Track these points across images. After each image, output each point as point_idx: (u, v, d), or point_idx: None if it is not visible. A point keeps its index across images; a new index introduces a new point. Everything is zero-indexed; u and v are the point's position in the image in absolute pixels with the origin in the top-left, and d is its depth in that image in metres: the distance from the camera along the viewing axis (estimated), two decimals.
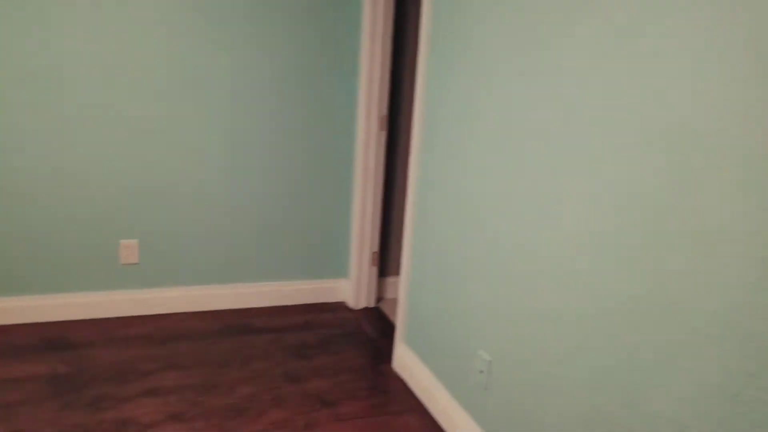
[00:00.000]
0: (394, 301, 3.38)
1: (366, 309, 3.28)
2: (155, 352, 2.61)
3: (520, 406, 1.80)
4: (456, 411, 2.18)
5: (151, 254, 2.90)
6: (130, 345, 2.65)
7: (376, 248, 3.23)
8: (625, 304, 1.38)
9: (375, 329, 3.04)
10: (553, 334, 1.64)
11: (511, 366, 1.84)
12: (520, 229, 1.77)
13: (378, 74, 2.96)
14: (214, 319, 2.97)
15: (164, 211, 2.87)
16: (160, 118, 2.76)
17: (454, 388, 2.22)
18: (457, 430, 2.16)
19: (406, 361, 2.57)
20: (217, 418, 2.18)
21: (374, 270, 3.26)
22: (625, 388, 1.39)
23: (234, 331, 2.87)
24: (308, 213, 3.15)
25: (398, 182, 3.33)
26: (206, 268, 3.02)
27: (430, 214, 2.37)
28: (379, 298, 3.41)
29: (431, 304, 2.38)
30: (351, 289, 3.26)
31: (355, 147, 3.13)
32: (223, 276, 3.07)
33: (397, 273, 3.45)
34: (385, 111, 3.03)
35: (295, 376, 2.53)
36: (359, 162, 3.09)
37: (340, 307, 3.28)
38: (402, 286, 2.59)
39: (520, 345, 1.79)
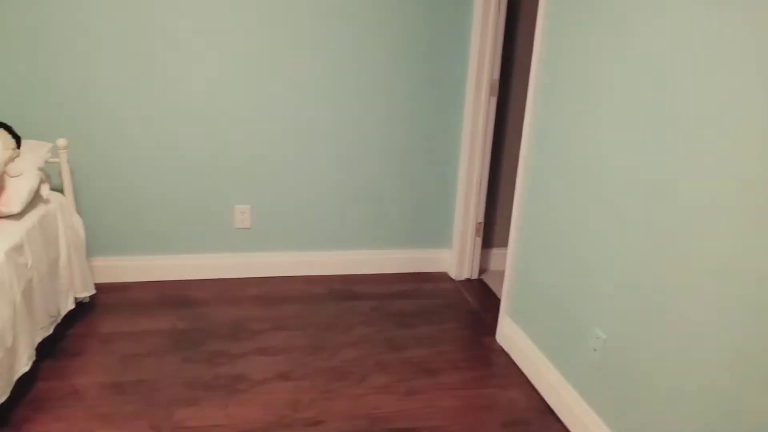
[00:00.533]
0: (497, 274, 3.29)
1: (468, 280, 3.22)
2: (265, 313, 2.71)
3: (637, 389, 1.68)
4: (564, 389, 2.08)
5: (262, 220, 3.01)
6: (243, 305, 2.78)
7: (480, 219, 3.14)
8: None
9: (477, 301, 2.97)
10: (683, 315, 1.49)
11: (630, 346, 1.71)
12: (650, 202, 1.62)
13: (491, 35, 2.83)
14: (320, 284, 3.04)
15: (275, 181, 2.96)
16: (274, 94, 2.82)
17: (563, 365, 2.12)
18: (565, 408, 2.06)
19: (510, 335, 2.49)
20: (322, 379, 2.24)
21: (478, 241, 3.18)
22: None
23: (339, 296, 2.93)
24: (413, 182, 3.12)
25: (507, 150, 3.20)
26: (314, 234, 3.09)
27: (544, 183, 2.24)
28: (483, 270, 3.33)
29: (541, 277, 2.28)
30: (453, 259, 3.20)
31: (463, 114, 3.04)
32: (330, 242, 3.12)
33: (502, 245, 3.34)
34: (497, 74, 2.89)
35: (396, 343, 2.53)
36: (467, 129, 2.99)
37: (442, 277, 3.24)
38: (510, 257, 2.50)
39: (642, 324, 1.66)
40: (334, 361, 2.37)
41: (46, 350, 2.28)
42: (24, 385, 2.06)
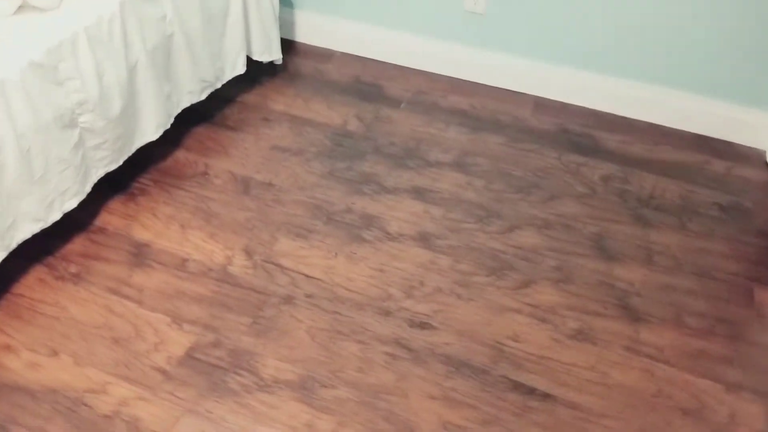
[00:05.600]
0: None
1: None
2: (455, 138, 2.13)
3: None
4: None
5: (501, 6, 2.23)
6: (436, 118, 2.21)
7: None
8: None
9: None
10: None
11: None
12: None
13: None
14: (552, 115, 2.25)
15: None
16: None
17: None
18: None
19: None
20: (469, 263, 1.69)
21: None
22: None
23: (568, 142, 2.13)
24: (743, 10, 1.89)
25: None
26: (567, 40, 2.20)
27: None
28: None
29: None
30: None
31: None
32: (587, 58, 2.22)
33: None
34: None
35: (608, 245, 1.77)
36: None
37: (751, 157, 2.10)
38: None
39: None
40: (500, 241, 1.77)
41: (204, 115, 2.15)
42: (159, 149, 1.97)
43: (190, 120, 2.09)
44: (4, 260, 1.49)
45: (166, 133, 1.92)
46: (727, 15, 1.97)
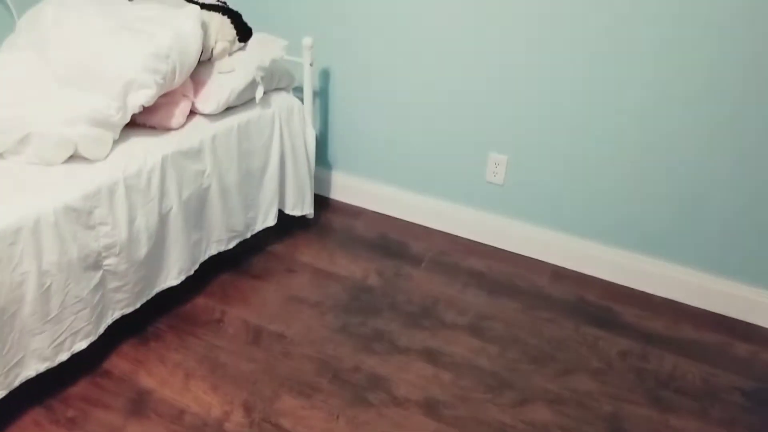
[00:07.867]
0: None
1: None
2: (472, 301, 2.04)
3: None
4: None
5: (518, 178, 2.23)
6: (455, 279, 2.14)
7: None
8: None
9: None
10: None
11: None
12: None
13: None
14: (570, 285, 2.15)
15: (548, 131, 2.10)
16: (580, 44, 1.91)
17: None
18: None
19: None
20: None
21: None
22: None
23: (585, 313, 2.01)
24: (759, 186, 1.85)
25: None
26: (585, 216, 2.17)
27: None
28: None
29: None
30: None
31: None
32: (606, 235, 2.16)
33: None
34: None
35: (624, 427, 1.57)
36: None
37: None
38: None
39: None
40: (510, 414, 1.60)
41: (230, 261, 2.13)
42: (180, 293, 1.93)
43: (215, 266, 2.07)
44: (3, 398, 1.41)
45: (189, 277, 1.89)
46: (745, 196, 1.91)
